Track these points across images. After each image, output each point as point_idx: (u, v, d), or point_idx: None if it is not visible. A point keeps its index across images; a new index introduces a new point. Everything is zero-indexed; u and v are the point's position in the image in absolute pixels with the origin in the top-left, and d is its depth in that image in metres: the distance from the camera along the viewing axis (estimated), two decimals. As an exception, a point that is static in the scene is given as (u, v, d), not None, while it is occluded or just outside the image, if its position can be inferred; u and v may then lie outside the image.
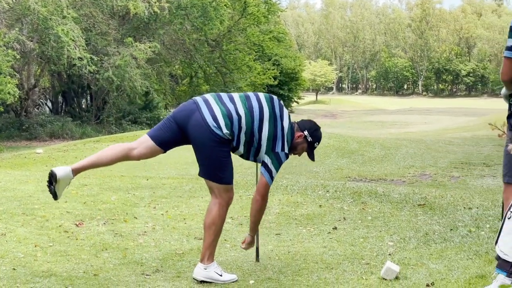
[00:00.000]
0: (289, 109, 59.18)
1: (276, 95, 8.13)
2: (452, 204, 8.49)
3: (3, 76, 25.78)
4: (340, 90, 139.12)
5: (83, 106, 40.93)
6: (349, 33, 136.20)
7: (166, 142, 5.29)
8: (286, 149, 5.33)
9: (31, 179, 10.41)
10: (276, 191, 9.33)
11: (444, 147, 20.94)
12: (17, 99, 28.55)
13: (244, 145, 5.23)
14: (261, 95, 5.40)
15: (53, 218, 7.39)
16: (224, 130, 5.10)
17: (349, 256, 5.98)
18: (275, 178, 5.43)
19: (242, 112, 5.20)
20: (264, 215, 7.68)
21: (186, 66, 43.09)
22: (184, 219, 7.66)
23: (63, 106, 41.32)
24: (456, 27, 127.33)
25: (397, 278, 5.14)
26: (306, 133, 5.46)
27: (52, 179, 5.13)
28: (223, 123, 5.10)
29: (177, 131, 5.25)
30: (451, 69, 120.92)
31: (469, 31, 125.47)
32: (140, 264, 5.73)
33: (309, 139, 5.46)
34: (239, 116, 5.17)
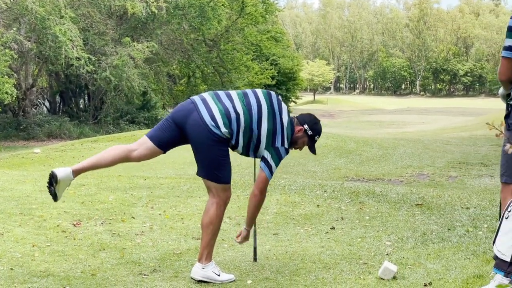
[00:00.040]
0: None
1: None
2: (450, 204, 8.50)
3: (0, 76, 25.77)
4: (338, 90, 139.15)
5: (81, 106, 40.91)
6: (346, 33, 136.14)
7: (165, 143, 5.30)
8: (286, 144, 5.33)
9: (29, 179, 10.41)
10: (274, 191, 9.32)
11: (441, 147, 20.95)
12: (14, 99, 28.54)
13: (244, 142, 5.23)
14: (259, 92, 5.41)
15: (51, 218, 7.38)
16: (223, 129, 5.10)
17: (346, 256, 5.98)
18: (274, 174, 5.43)
19: (240, 110, 5.20)
20: (262, 215, 7.71)
21: (184, 66, 43.07)
22: (182, 219, 7.66)
23: (61, 106, 41.32)
24: (453, 27, 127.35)
25: (394, 278, 5.14)
26: (306, 126, 5.46)
27: (53, 180, 5.13)
28: (221, 122, 5.11)
29: (176, 131, 5.25)
30: (449, 69, 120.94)
31: (467, 31, 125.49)
32: (137, 264, 5.73)
33: (309, 133, 5.47)
34: (237, 114, 5.17)
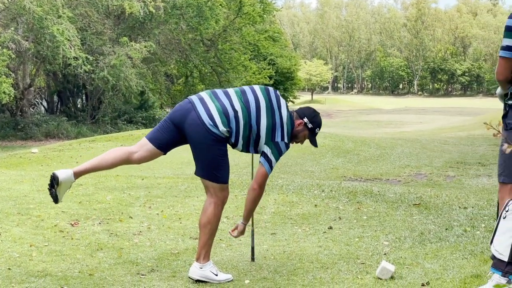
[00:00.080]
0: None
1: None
2: (448, 204, 8.50)
3: (-2, 76, 25.78)
4: (335, 89, 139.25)
5: (79, 105, 40.88)
6: (344, 32, 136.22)
7: (165, 144, 5.30)
8: (286, 138, 5.33)
9: (26, 179, 10.40)
10: (271, 191, 9.33)
11: (439, 146, 20.95)
12: (12, 98, 28.55)
13: (243, 139, 5.23)
14: (257, 88, 5.42)
15: (49, 218, 7.38)
16: (221, 127, 5.10)
17: (344, 256, 5.98)
18: (272, 172, 5.42)
19: (238, 107, 5.20)
20: (260, 214, 7.71)
21: (182, 66, 43.07)
22: (180, 218, 7.66)
23: (59, 106, 41.29)
24: (451, 26, 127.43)
25: (392, 277, 5.14)
26: (306, 120, 5.46)
27: (54, 182, 5.14)
28: (219, 121, 5.11)
29: (174, 132, 5.25)
30: (447, 68, 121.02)
31: (465, 31, 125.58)
32: (135, 263, 5.73)
33: (310, 126, 5.47)
34: (235, 112, 5.18)
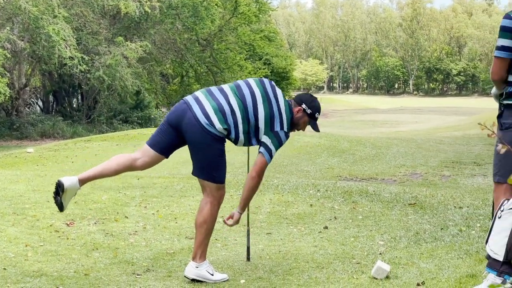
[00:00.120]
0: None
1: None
2: (443, 203, 8.51)
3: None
4: (331, 89, 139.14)
5: (74, 105, 40.83)
6: (340, 32, 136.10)
7: (166, 148, 5.32)
8: (286, 127, 5.33)
9: (22, 179, 10.39)
10: (267, 191, 9.33)
11: (435, 146, 20.95)
12: (8, 98, 28.49)
13: (244, 134, 5.24)
14: (251, 81, 5.43)
15: (44, 218, 7.38)
16: (218, 126, 5.11)
17: (340, 256, 5.98)
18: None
19: (234, 102, 5.22)
20: (255, 214, 7.71)
21: (177, 66, 43.07)
22: (175, 218, 7.65)
23: (54, 106, 41.24)
24: (446, 26, 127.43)
25: (387, 277, 5.14)
26: (304, 106, 5.45)
27: (59, 189, 5.14)
28: (216, 119, 5.12)
29: (173, 134, 5.27)
30: (442, 68, 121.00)
31: (460, 31, 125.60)
32: (131, 263, 5.73)
33: (309, 111, 5.46)
34: (231, 107, 5.19)
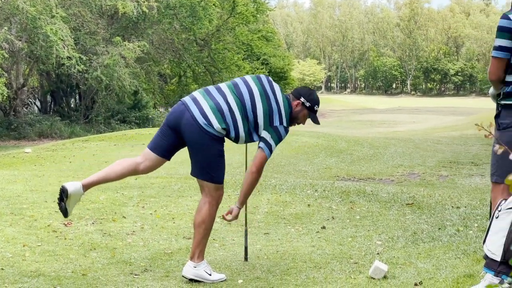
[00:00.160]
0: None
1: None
2: (440, 203, 8.52)
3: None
4: (328, 89, 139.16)
5: (72, 105, 40.78)
6: (337, 32, 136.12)
7: (167, 151, 5.34)
8: (285, 122, 5.34)
9: (20, 179, 10.38)
10: (264, 191, 9.33)
11: (432, 146, 20.96)
12: (5, 98, 28.47)
13: (244, 132, 5.25)
14: (248, 78, 5.45)
15: (42, 218, 7.37)
16: (216, 125, 5.11)
17: (337, 255, 5.99)
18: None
19: (232, 101, 5.22)
20: (253, 214, 7.72)
21: (175, 66, 43.07)
22: (173, 218, 7.65)
23: (52, 106, 41.20)
24: (444, 26, 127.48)
25: (385, 277, 5.15)
26: (302, 99, 5.46)
27: (63, 195, 5.15)
28: (214, 119, 5.12)
29: (173, 136, 5.27)
30: (440, 68, 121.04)
31: (457, 31, 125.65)
32: (128, 263, 5.73)
33: (308, 104, 5.47)
34: (229, 106, 5.19)
